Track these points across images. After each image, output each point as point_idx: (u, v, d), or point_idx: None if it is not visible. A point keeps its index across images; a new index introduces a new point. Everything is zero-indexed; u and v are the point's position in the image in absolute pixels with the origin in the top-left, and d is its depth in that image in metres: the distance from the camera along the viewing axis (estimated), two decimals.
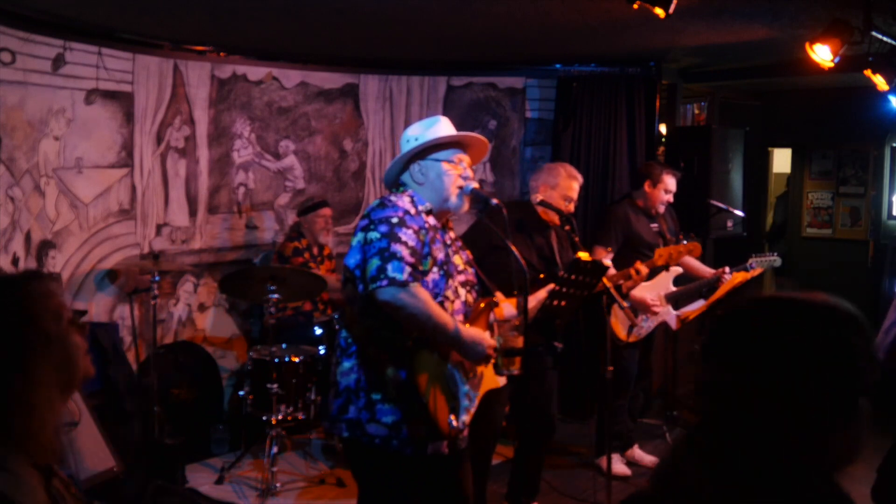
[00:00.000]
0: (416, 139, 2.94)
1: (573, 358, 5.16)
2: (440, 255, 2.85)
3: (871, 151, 7.99)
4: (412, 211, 2.82)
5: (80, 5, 4.54)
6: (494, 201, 3.08)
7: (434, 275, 2.82)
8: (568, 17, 4.64)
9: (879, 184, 7.88)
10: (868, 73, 4.70)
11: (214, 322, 5.88)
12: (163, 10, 4.61)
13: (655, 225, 5.13)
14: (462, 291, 2.95)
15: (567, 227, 4.25)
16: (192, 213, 5.69)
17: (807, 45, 4.36)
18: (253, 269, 5.60)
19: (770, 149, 8.75)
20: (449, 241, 2.98)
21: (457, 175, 2.95)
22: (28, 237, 4.70)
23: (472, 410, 2.95)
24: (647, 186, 5.12)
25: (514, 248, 3.02)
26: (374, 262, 2.69)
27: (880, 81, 4.72)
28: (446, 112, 6.47)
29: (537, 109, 6.60)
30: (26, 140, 4.66)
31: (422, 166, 2.94)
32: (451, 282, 2.89)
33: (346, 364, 2.84)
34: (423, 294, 2.71)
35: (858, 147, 8.08)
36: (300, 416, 4.89)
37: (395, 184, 3.03)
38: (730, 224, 6.18)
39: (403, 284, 2.66)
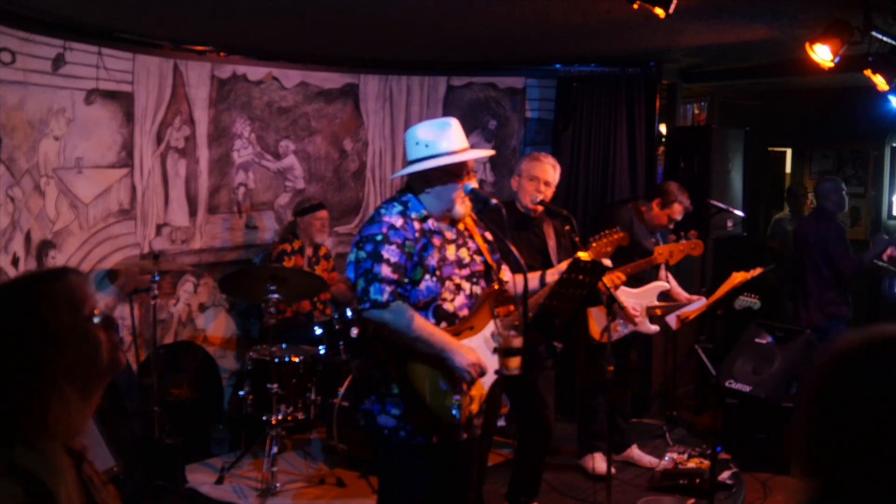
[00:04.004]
0: (427, 146, 2.99)
1: (572, 358, 5.17)
2: (432, 262, 2.96)
3: (871, 151, 7.99)
4: (399, 223, 2.94)
5: (80, 5, 4.54)
6: (494, 201, 3.13)
7: (427, 281, 2.96)
8: (568, 17, 4.64)
9: (879, 184, 7.89)
10: (868, 73, 4.71)
11: (214, 322, 5.88)
12: (163, 10, 4.61)
13: (654, 239, 5.13)
14: (466, 285, 3.06)
15: (567, 228, 4.26)
16: (192, 213, 5.69)
17: (807, 45, 4.36)
18: (253, 269, 5.60)
19: (784, 149, 8.73)
20: (453, 237, 3.07)
21: (462, 187, 3.03)
22: (28, 237, 4.70)
23: (479, 401, 3.05)
24: (656, 205, 5.10)
25: (514, 248, 3.04)
26: (360, 284, 2.91)
27: (880, 81, 4.73)
28: (446, 112, 6.47)
29: (537, 109, 6.60)
30: (26, 140, 4.65)
31: (432, 180, 3.02)
32: (448, 283, 2.99)
33: (361, 359, 3.06)
34: (404, 311, 2.88)
35: (858, 147, 8.08)
36: (300, 416, 4.89)
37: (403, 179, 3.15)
38: (730, 224, 6.18)
39: (384, 305, 2.86)
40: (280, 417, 4.79)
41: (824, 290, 5.86)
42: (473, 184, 3.08)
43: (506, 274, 3.34)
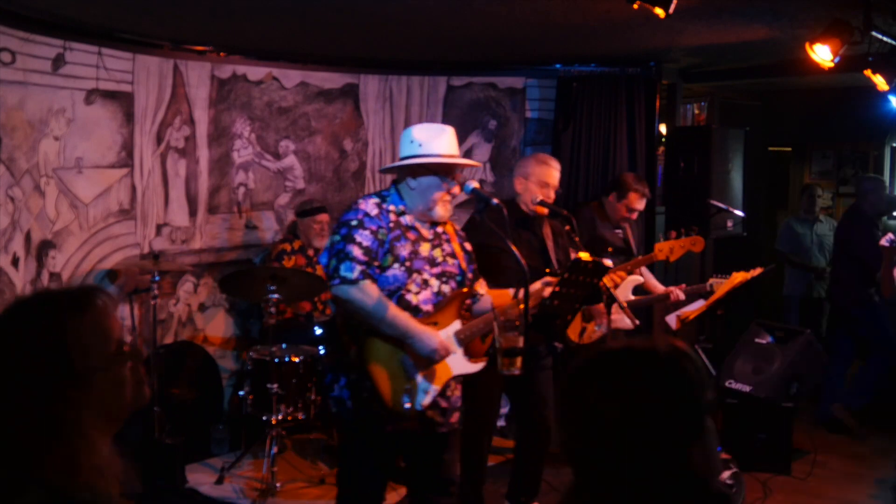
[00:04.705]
0: (420, 146, 3.11)
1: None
2: (403, 252, 3.09)
3: (871, 151, 8.00)
4: (373, 212, 3.10)
5: (80, 5, 4.54)
6: (495, 201, 3.22)
7: (395, 270, 3.08)
8: (568, 17, 4.64)
9: None
10: (868, 73, 4.71)
11: (214, 322, 5.87)
12: (163, 10, 4.61)
13: (619, 231, 5.13)
14: (435, 282, 3.16)
15: (567, 228, 4.26)
16: (192, 213, 5.69)
17: (807, 45, 4.36)
18: (253, 269, 5.60)
19: (787, 149, 8.71)
20: (430, 236, 3.19)
21: (446, 191, 3.14)
22: (28, 237, 4.70)
23: (433, 394, 3.13)
24: (612, 198, 5.11)
25: (514, 248, 3.06)
26: (332, 263, 3.06)
27: (880, 81, 4.73)
28: (446, 112, 6.47)
29: (537, 109, 6.60)
30: (26, 140, 4.65)
31: (418, 178, 3.14)
32: (416, 275, 3.10)
33: (332, 348, 3.21)
34: (373, 290, 3.02)
35: (858, 147, 8.08)
36: (300, 416, 4.89)
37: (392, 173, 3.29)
38: (730, 224, 6.17)
39: (353, 282, 3.00)
40: (280, 417, 4.79)
41: (848, 290, 5.88)
42: (474, 184, 3.21)
43: (481, 288, 3.39)
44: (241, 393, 5.00)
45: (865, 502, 4.91)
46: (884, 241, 5.37)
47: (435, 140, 3.12)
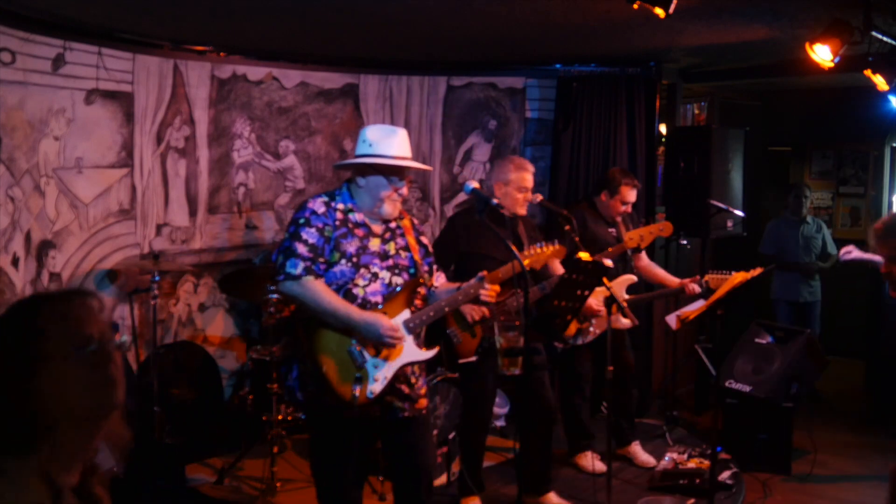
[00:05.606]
0: (371, 146, 3.21)
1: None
2: (350, 249, 3.17)
3: (871, 151, 8.00)
4: (320, 210, 3.19)
5: (80, 5, 4.55)
6: (494, 201, 3.25)
7: (342, 266, 3.16)
8: (568, 17, 4.65)
9: (879, 184, 7.89)
10: (868, 73, 4.71)
11: (214, 322, 5.88)
12: (163, 10, 4.61)
13: (613, 230, 5.14)
14: (386, 274, 3.24)
15: (567, 227, 4.28)
16: (192, 213, 5.69)
17: (807, 45, 4.37)
18: (253, 269, 5.61)
19: (786, 149, 8.69)
20: (380, 231, 3.27)
21: (393, 191, 3.22)
22: (28, 237, 4.70)
23: (383, 381, 3.17)
24: (603, 196, 5.11)
25: (514, 248, 3.09)
26: (279, 259, 3.16)
27: (880, 81, 4.73)
28: (446, 112, 6.48)
29: (537, 109, 6.60)
30: (26, 140, 4.66)
31: (366, 176, 3.23)
32: (364, 270, 3.19)
33: (288, 340, 3.30)
34: (314, 285, 3.11)
35: (858, 147, 8.08)
36: (300, 415, 4.89)
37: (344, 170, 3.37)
38: (730, 224, 6.17)
39: (297, 278, 3.10)
40: (280, 417, 4.79)
41: None
42: (474, 184, 3.27)
43: (437, 280, 3.48)
44: (241, 393, 5.00)
45: (865, 502, 4.91)
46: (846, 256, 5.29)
47: (385, 141, 3.20)
